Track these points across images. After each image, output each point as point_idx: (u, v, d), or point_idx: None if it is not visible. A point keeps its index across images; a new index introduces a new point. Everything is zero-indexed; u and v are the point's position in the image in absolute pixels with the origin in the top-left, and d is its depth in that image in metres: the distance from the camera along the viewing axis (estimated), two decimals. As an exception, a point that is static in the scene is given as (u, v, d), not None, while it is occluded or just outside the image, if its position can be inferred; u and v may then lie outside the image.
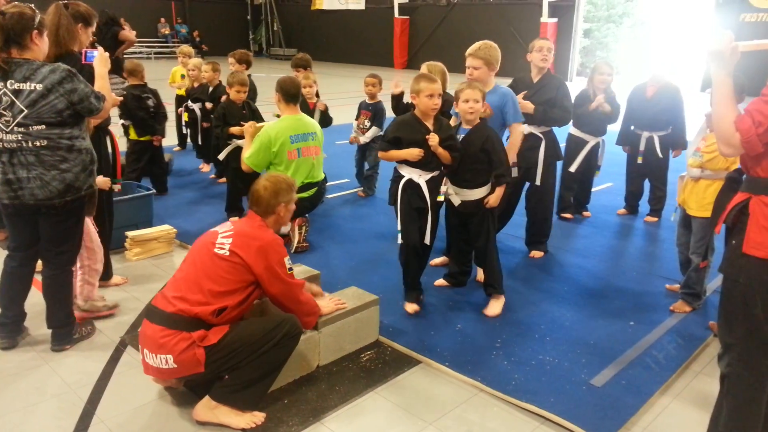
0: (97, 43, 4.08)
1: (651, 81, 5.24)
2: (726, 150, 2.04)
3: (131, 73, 5.70)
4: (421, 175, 3.46)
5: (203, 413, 2.59)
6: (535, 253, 4.58)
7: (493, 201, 3.54)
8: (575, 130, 5.39)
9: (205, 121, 6.57)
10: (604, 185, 6.59)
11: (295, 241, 4.57)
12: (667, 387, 2.96)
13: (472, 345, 3.27)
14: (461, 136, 3.54)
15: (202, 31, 25.58)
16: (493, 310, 3.62)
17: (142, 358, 2.61)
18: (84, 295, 3.50)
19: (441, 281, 3.99)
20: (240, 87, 5.41)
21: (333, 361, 3.08)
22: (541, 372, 3.02)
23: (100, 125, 3.52)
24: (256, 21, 28.24)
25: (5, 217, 3.07)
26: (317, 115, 5.69)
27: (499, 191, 3.54)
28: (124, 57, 7.25)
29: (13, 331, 3.18)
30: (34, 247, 3.11)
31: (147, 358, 2.57)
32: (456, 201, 3.61)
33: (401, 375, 3.01)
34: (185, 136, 7.74)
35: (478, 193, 3.55)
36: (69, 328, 3.19)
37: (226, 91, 5.67)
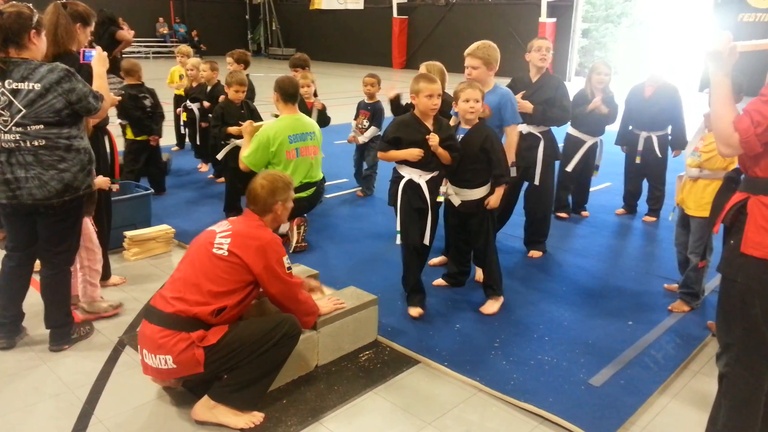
0: (94, 42, 4.07)
1: (649, 81, 5.25)
2: (725, 150, 2.05)
3: (128, 72, 5.68)
4: (421, 176, 3.45)
5: (202, 413, 2.59)
6: (534, 253, 4.58)
7: (493, 202, 3.54)
8: (573, 130, 5.39)
9: (203, 120, 6.56)
10: (603, 185, 6.60)
11: (293, 240, 4.56)
12: (666, 387, 2.96)
13: (470, 345, 3.27)
14: (460, 136, 3.53)
15: (200, 30, 25.52)
16: (490, 308, 3.62)
17: (141, 359, 2.61)
18: (88, 297, 3.50)
19: (440, 281, 3.99)
20: (238, 87, 5.41)
21: (332, 361, 3.08)
22: (540, 372, 3.02)
23: (98, 125, 3.52)
24: (255, 20, 28.21)
25: (3, 217, 3.06)
26: (315, 114, 5.69)
27: (499, 192, 3.54)
28: (122, 56, 7.23)
29: (11, 331, 3.17)
30: (32, 247, 3.11)
31: (146, 358, 2.56)
32: (456, 201, 3.61)
33: (400, 375, 3.01)
34: (184, 136, 7.72)
35: (478, 193, 3.55)
36: (67, 328, 3.19)
37: (224, 91, 5.65)
